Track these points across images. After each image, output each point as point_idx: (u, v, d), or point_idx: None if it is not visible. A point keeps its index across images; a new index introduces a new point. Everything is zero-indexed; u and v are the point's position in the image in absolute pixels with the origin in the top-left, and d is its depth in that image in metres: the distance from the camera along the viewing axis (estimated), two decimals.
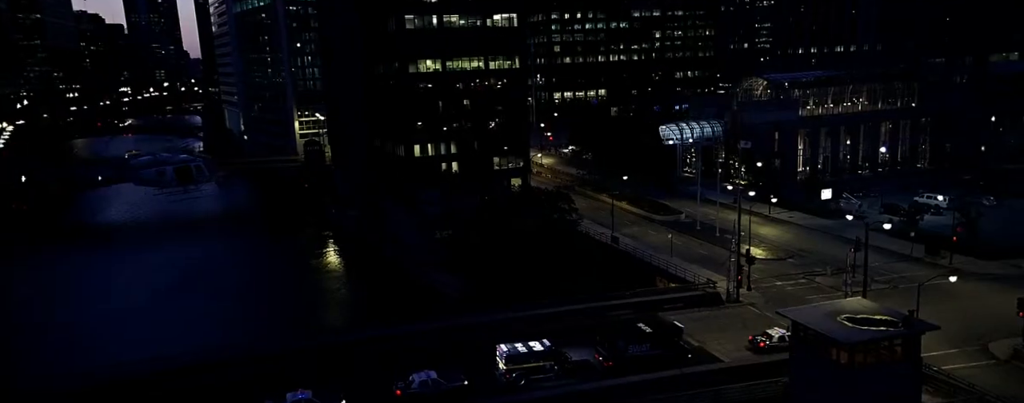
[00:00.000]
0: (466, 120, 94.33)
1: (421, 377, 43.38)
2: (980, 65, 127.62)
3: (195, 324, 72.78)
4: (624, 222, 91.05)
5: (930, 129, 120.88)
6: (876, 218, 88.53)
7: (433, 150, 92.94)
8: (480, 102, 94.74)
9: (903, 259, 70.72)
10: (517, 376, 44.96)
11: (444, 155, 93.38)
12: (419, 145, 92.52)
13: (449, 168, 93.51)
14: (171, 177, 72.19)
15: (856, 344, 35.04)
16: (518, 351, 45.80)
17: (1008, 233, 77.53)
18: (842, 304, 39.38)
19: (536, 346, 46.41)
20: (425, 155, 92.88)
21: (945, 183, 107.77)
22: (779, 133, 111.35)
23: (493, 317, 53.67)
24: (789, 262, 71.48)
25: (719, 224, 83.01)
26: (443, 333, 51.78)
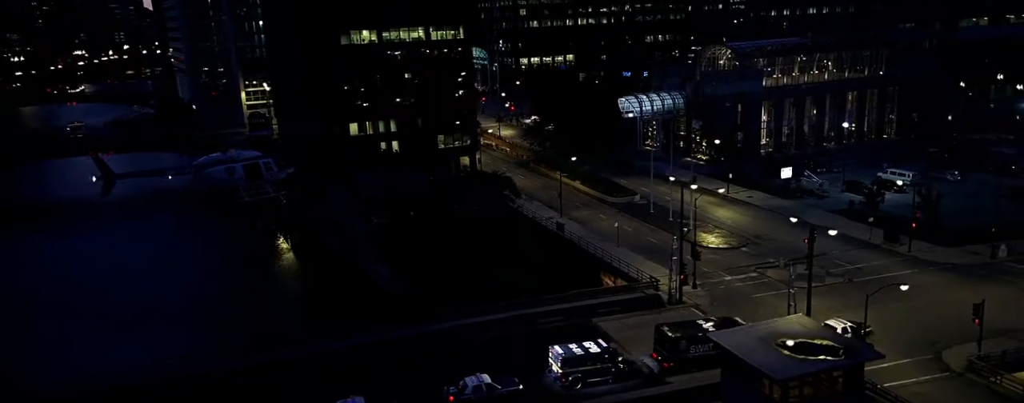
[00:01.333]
0: (407, 95, 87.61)
1: (474, 382, 42.16)
2: (948, 31, 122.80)
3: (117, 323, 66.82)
4: (575, 204, 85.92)
5: (897, 98, 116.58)
6: (838, 197, 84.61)
7: (372, 128, 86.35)
8: (422, 76, 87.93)
9: (861, 246, 66.73)
10: (573, 380, 42.77)
11: (384, 133, 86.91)
12: (357, 123, 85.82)
13: (390, 147, 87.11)
14: (240, 175, 70.00)
15: (790, 379, 30.50)
16: (574, 353, 43.36)
17: (970, 213, 73.83)
18: (780, 326, 34.83)
19: (592, 347, 44.01)
20: (364, 133, 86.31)
21: (911, 155, 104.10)
22: (742, 105, 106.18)
23: (418, 329, 48.45)
24: (743, 251, 67.08)
25: (674, 206, 77.99)
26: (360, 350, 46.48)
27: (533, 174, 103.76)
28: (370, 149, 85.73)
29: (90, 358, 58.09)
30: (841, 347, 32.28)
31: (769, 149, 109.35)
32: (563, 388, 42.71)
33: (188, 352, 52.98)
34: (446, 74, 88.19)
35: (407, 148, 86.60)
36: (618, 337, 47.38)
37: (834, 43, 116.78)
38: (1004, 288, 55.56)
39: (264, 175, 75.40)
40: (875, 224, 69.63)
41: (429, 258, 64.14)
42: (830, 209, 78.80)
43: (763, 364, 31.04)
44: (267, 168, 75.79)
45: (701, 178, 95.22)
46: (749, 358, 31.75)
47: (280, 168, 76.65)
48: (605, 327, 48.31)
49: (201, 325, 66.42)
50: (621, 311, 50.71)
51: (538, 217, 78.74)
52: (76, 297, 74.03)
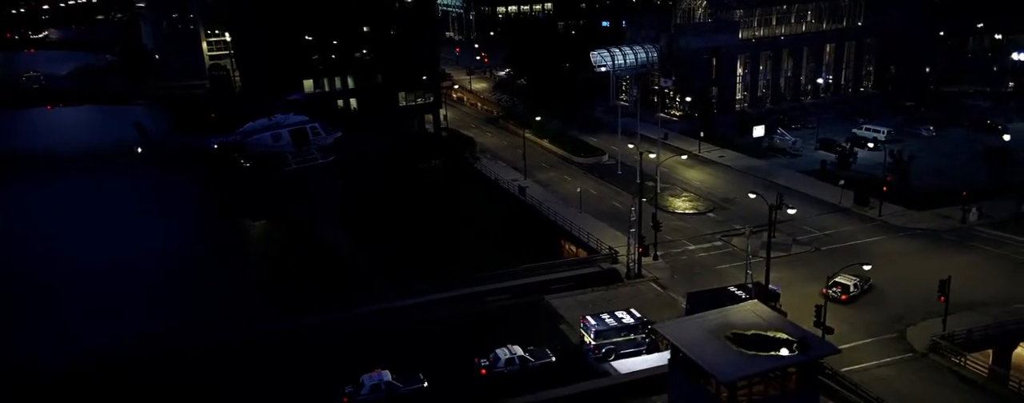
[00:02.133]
0: (365, 50, 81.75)
1: (507, 354, 40.32)
2: None
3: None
4: (541, 165, 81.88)
5: (875, 50, 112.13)
6: (811, 156, 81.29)
7: (329, 84, 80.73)
8: (381, 29, 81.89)
9: (831, 210, 63.81)
10: (607, 351, 41.32)
11: (341, 91, 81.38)
12: (312, 79, 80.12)
13: (347, 105, 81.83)
14: (287, 140, 65.90)
15: (737, 381, 27.62)
16: (607, 324, 41.59)
17: (943, 172, 71.12)
18: (732, 314, 31.82)
19: (625, 318, 42.22)
20: (321, 90, 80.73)
21: (887, 109, 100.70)
22: (717, 59, 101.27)
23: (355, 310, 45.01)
24: (710, 217, 63.87)
25: (644, 167, 74.31)
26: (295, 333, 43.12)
27: (501, 132, 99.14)
28: (327, 107, 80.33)
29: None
30: (795, 341, 29.38)
31: (745, 104, 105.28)
32: (596, 360, 41.12)
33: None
34: (408, 27, 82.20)
35: (366, 106, 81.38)
36: (569, 317, 44.42)
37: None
38: (972, 255, 53.14)
39: (311, 140, 69.08)
40: (846, 186, 66.65)
41: (384, 227, 60.44)
42: (802, 169, 75.59)
43: (710, 363, 28.11)
44: (314, 133, 69.33)
45: (673, 136, 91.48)
46: (696, 354, 28.80)
47: (328, 132, 71.45)
48: (556, 305, 45.30)
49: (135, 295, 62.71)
50: (576, 287, 47.57)
51: (501, 179, 74.78)
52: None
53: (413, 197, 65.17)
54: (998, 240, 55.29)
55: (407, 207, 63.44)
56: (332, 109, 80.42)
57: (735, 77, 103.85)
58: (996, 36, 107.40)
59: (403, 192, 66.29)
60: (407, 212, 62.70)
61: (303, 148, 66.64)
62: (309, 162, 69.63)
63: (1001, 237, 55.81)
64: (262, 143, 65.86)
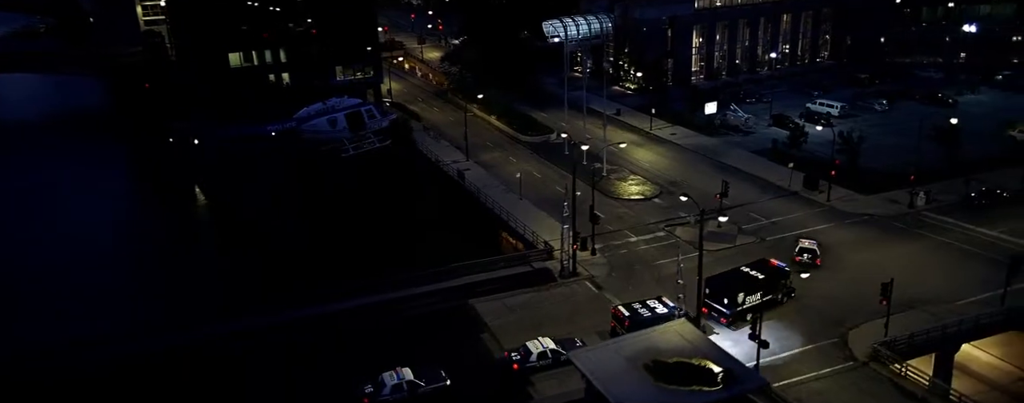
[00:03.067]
0: (297, 20, 75.07)
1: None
2: None
3: None
4: (487, 143, 77.12)
5: (832, 20, 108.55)
6: (764, 133, 77.97)
7: (258, 58, 74.08)
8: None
9: (780, 194, 60.69)
10: None
11: (272, 64, 74.81)
12: (240, 52, 73.39)
13: (279, 80, 75.43)
14: (343, 125, 61.98)
15: None
16: (641, 315, 39.29)
17: (893, 151, 68.34)
18: (657, 338, 28.33)
19: (658, 308, 40.14)
20: (249, 64, 74.03)
21: (842, 81, 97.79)
22: (672, 29, 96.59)
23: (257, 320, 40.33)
24: (655, 203, 60.20)
25: (593, 147, 70.30)
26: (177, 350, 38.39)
27: (449, 106, 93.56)
28: (256, 82, 73.84)
29: None
30: (721, 372, 26.02)
31: (701, 76, 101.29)
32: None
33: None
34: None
35: (299, 82, 75.10)
36: (494, 324, 40.63)
37: None
38: (919, 244, 50.60)
39: (367, 124, 64.54)
40: (796, 168, 63.59)
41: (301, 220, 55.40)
42: (753, 148, 72.20)
43: (623, 399, 24.58)
44: (369, 116, 64.79)
45: (626, 111, 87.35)
46: (608, 389, 25.25)
47: (383, 115, 66.00)
48: (482, 310, 41.41)
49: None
50: (505, 289, 43.64)
51: (442, 161, 69.92)
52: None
53: (340, 184, 60.19)
54: (944, 227, 52.90)
55: (331, 196, 58.44)
56: (262, 84, 73.97)
57: (691, 49, 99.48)
58: (949, 4, 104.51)
59: (329, 178, 61.21)
60: (330, 202, 57.70)
61: (359, 133, 62.68)
62: (366, 147, 65.59)
63: (947, 224, 53.42)
64: (319, 129, 61.66)
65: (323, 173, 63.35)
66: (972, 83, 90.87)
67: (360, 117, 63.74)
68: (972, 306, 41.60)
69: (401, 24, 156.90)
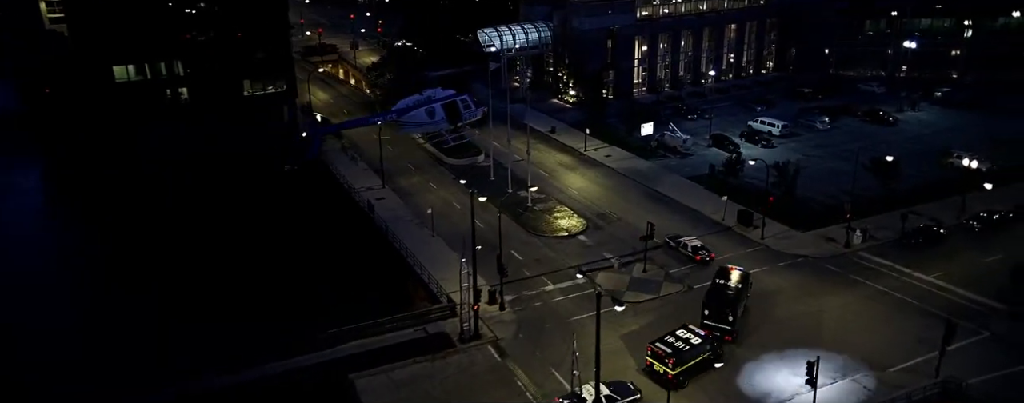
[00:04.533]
0: (200, 28, 67.42)
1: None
2: None
3: None
4: (408, 166, 70.83)
5: (777, 30, 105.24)
6: (703, 155, 73.67)
7: (152, 72, 66.15)
8: (215, 3, 67.60)
9: (713, 229, 56.24)
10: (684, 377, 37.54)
11: (168, 78, 66.99)
12: (133, 65, 65.38)
13: (177, 96, 67.66)
14: (441, 116, 63.63)
15: None
16: (683, 350, 37.58)
17: (832, 178, 64.93)
18: None
19: (692, 338, 38.53)
20: (143, 77, 66.05)
21: (785, 94, 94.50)
22: (612, 40, 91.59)
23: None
24: (580, 241, 55.02)
25: (521, 171, 64.79)
26: None
27: None
28: (153, 98, 65.96)
29: None
30: None
31: (643, 88, 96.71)
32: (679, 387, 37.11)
33: None
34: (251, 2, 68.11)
35: (202, 97, 67.47)
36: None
37: None
38: (852, 294, 46.51)
39: (463, 114, 64.90)
40: (733, 197, 59.35)
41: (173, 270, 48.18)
42: (689, 174, 67.73)
43: None
44: (465, 106, 64.86)
45: (562, 128, 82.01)
46: None
47: (476, 106, 65.64)
48: (362, 387, 35.24)
49: None
50: (396, 358, 37.65)
51: (355, 187, 63.51)
52: None
53: (233, 217, 53.43)
54: (880, 271, 49.15)
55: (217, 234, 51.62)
56: (158, 100, 66.11)
57: (632, 60, 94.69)
58: (892, 13, 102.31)
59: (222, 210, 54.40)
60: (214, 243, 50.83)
61: (456, 123, 63.68)
62: (463, 138, 67.00)
63: (883, 267, 49.70)
64: (418, 120, 62.58)
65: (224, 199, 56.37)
66: (912, 100, 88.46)
67: (456, 108, 63.82)
68: (906, 375, 37.70)
69: (341, 24, 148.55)
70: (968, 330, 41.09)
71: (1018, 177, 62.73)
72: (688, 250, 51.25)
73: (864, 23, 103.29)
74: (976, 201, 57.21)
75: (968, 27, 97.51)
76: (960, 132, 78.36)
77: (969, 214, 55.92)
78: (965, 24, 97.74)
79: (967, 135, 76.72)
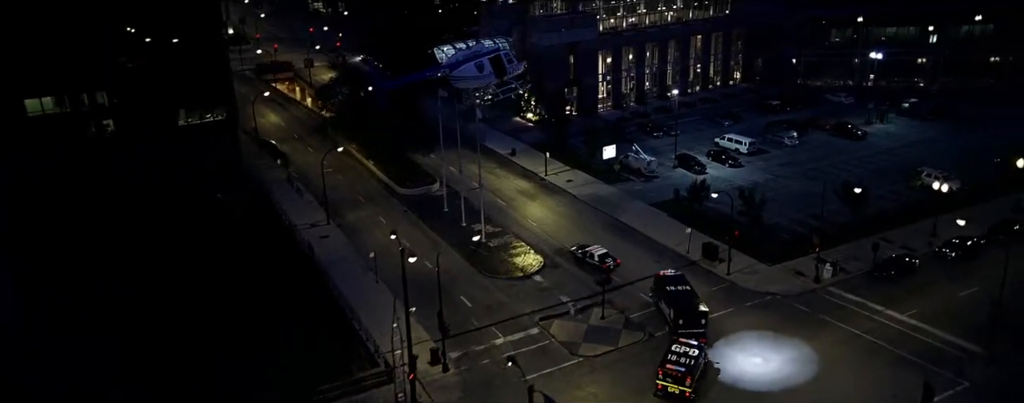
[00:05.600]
0: (128, 54, 62.40)
1: None
2: None
3: None
4: (358, 198, 66.49)
5: (743, 42, 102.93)
6: (668, 177, 70.46)
7: (70, 103, 60.84)
8: (144, 27, 62.60)
9: (678, 263, 52.62)
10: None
11: (88, 111, 61.77)
12: (51, 96, 60.03)
13: (101, 128, 62.42)
14: (489, 70, 60.45)
15: None
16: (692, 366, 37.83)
17: (799, 201, 62.20)
18: None
19: (691, 351, 38.96)
20: (61, 110, 60.72)
21: (753, 107, 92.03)
22: (575, 56, 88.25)
23: None
24: (535, 282, 51.16)
25: (484, 199, 60.79)
26: None
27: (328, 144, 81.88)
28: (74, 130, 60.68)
29: None
30: None
31: (608, 104, 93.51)
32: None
33: None
34: (183, 23, 63.14)
35: (132, 129, 62.37)
36: None
37: None
38: (822, 338, 43.11)
39: (507, 69, 61.60)
40: (699, 224, 56.15)
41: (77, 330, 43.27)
42: (654, 200, 64.35)
43: None
44: (508, 60, 61.67)
45: (523, 150, 78.30)
46: None
47: (518, 61, 63.13)
48: None
49: None
50: None
51: (298, 224, 59.06)
52: None
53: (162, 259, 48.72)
54: (851, 310, 46.09)
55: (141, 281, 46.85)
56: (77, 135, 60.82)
57: (596, 76, 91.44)
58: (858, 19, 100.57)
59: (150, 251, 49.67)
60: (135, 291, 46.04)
61: (503, 77, 60.85)
62: (509, 91, 64.33)
63: (855, 304, 46.68)
64: (467, 74, 59.70)
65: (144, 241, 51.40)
66: (881, 112, 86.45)
67: (501, 62, 61.42)
68: None
69: (302, 38, 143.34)
70: (946, 380, 38.17)
71: (987, 196, 60.55)
72: (594, 259, 51.63)
73: (830, 32, 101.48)
74: (948, 225, 54.72)
75: (933, 34, 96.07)
76: (928, 146, 76.37)
77: (942, 241, 53.36)
78: (929, 31, 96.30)
79: (935, 149, 74.81)
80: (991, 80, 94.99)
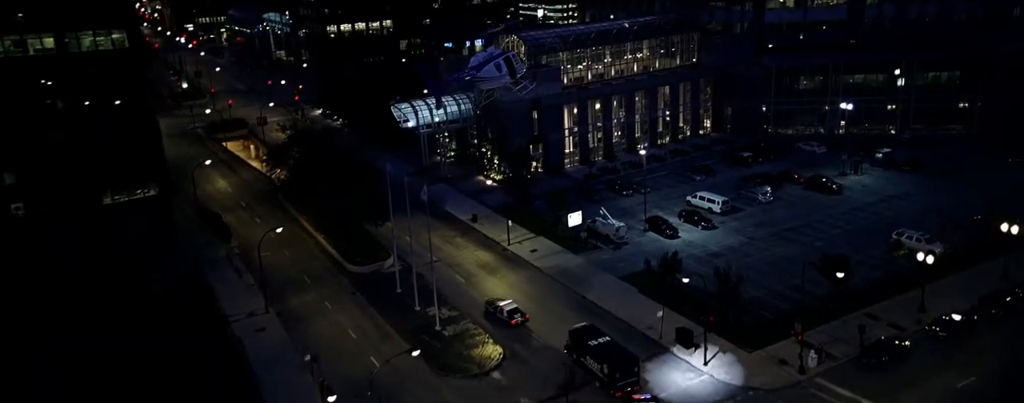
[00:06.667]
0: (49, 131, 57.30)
1: None
2: (758, 12, 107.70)
3: None
4: (304, 278, 60.88)
5: (711, 90, 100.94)
6: (639, 243, 66.35)
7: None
8: (67, 103, 57.70)
9: (650, 351, 47.97)
10: None
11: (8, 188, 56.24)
12: None
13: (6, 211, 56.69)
14: (505, 70, 66.74)
15: None
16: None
17: (779, 269, 58.42)
18: None
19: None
20: None
21: (725, 159, 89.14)
22: (538, 110, 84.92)
23: None
24: (493, 380, 45.96)
25: (441, 275, 55.85)
26: None
27: (278, 212, 76.64)
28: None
29: None
30: None
31: (575, 159, 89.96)
32: None
33: None
34: (107, 97, 58.41)
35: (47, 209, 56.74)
36: None
37: (643, 28, 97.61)
38: None
39: (516, 69, 67.98)
40: (671, 303, 51.76)
41: None
42: (624, 272, 59.84)
43: None
44: (517, 61, 68.59)
45: (485, 215, 73.66)
46: None
47: (521, 63, 70.26)
48: None
49: None
50: None
51: (233, 315, 53.38)
52: None
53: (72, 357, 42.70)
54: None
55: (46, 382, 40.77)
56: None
57: (562, 131, 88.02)
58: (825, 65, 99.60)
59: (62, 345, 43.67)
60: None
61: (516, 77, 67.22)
62: (524, 89, 71.10)
63: (845, 400, 42.30)
64: (491, 75, 65.75)
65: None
66: (855, 163, 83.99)
67: (512, 63, 67.15)
68: None
69: (261, 90, 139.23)
70: None
71: (971, 259, 57.36)
72: (504, 314, 52.14)
73: (798, 79, 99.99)
74: (935, 296, 51.12)
75: (900, 79, 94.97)
76: (905, 201, 73.58)
77: (931, 317, 49.56)
78: (896, 77, 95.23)
79: (912, 205, 72.02)
80: (961, 127, 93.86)
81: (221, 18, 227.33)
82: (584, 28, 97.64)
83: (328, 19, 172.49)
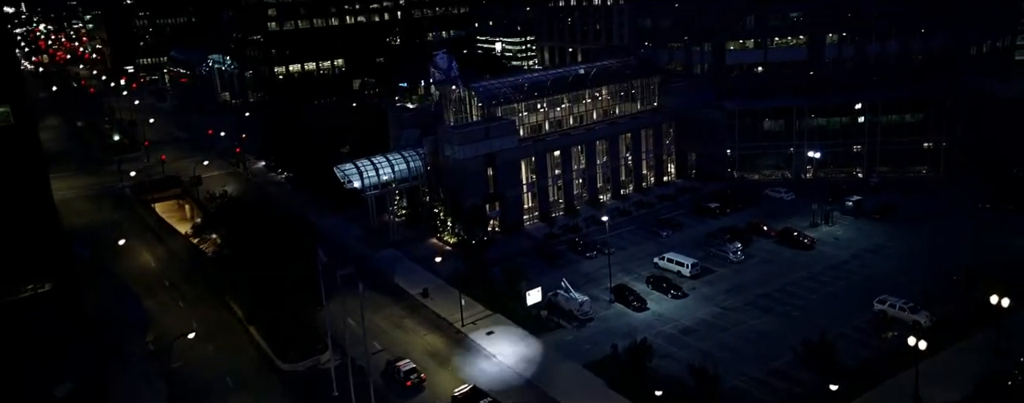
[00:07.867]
0: None
1: None
2: (718, 55, 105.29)
3: None
4: (225, 379, 53.35)
5: (675, 135, 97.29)
6: (605, 318, 60.79)
7: None
8: None
9: None
10: None
11: None
12: None
13: None
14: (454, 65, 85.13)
15: None
16: None
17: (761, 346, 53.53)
18: None
19: None
20: None
21: (691, 213, 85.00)
22: (494, 166, 79.54)
23: None
24: None
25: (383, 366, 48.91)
26: None
27: (203, 297, 68.07)
28: None
29: None
30: None
31: (535, 216, 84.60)
32: None
33: None
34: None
35: None
36: None
37: (601, 74, 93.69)
38: None
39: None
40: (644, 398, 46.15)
41: None
42: (589, 358, 53.89)
43: None
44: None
45: (437, 288, 67.14)
46: None
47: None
48: None
49: None
50: None
51: None
52: None
53: None
54: None
55: None
56: None
57: (520, 187, 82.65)
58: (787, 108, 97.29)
59: None
60: None
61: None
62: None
63: None
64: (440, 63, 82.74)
65: None
66: (825, 213, 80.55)
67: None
68: None
69: (200, 139, 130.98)
70: None
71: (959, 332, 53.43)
72: (400, 375, 51.81)
73: (762, 123, 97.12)
74: (929, 380, 46.70)
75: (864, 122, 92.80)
76: (881, 255, 69.82)
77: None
78: (860, 120, 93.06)
79: (888, 260, 68.42)
80: (927, 168, 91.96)
81: (164, 58, 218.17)
82: (540, 75, 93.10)
83: (275, 60, 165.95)
